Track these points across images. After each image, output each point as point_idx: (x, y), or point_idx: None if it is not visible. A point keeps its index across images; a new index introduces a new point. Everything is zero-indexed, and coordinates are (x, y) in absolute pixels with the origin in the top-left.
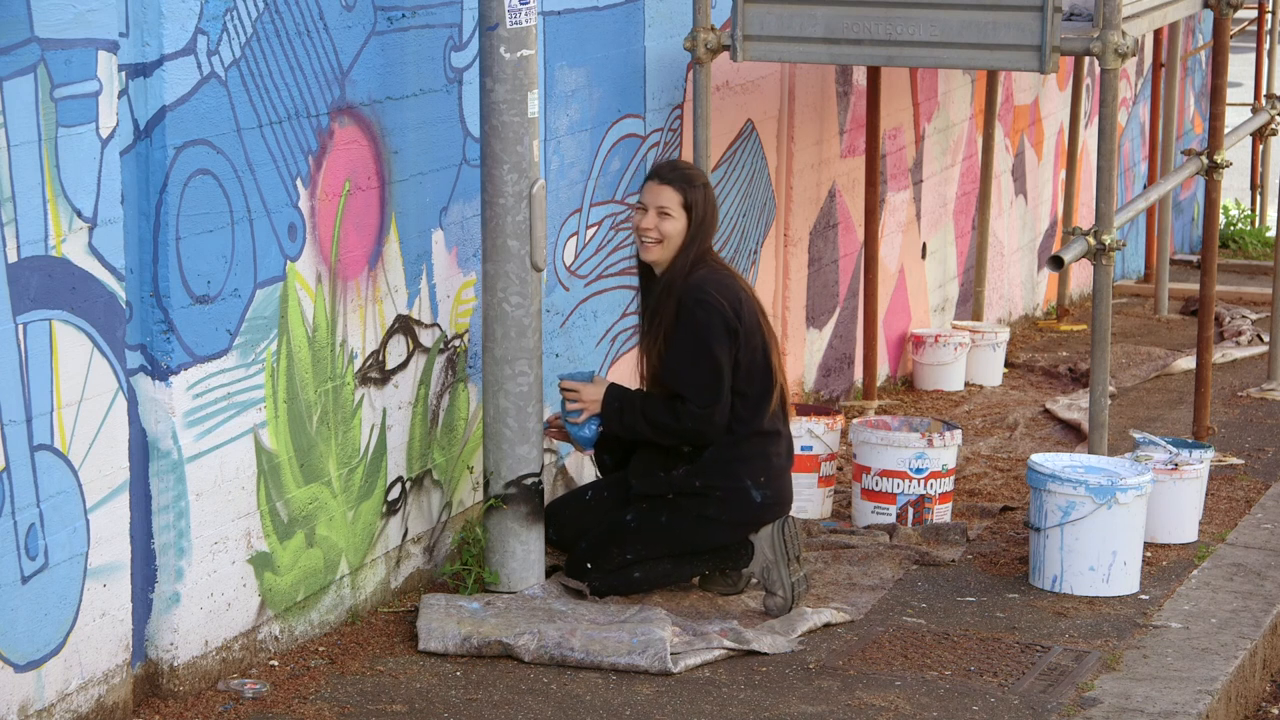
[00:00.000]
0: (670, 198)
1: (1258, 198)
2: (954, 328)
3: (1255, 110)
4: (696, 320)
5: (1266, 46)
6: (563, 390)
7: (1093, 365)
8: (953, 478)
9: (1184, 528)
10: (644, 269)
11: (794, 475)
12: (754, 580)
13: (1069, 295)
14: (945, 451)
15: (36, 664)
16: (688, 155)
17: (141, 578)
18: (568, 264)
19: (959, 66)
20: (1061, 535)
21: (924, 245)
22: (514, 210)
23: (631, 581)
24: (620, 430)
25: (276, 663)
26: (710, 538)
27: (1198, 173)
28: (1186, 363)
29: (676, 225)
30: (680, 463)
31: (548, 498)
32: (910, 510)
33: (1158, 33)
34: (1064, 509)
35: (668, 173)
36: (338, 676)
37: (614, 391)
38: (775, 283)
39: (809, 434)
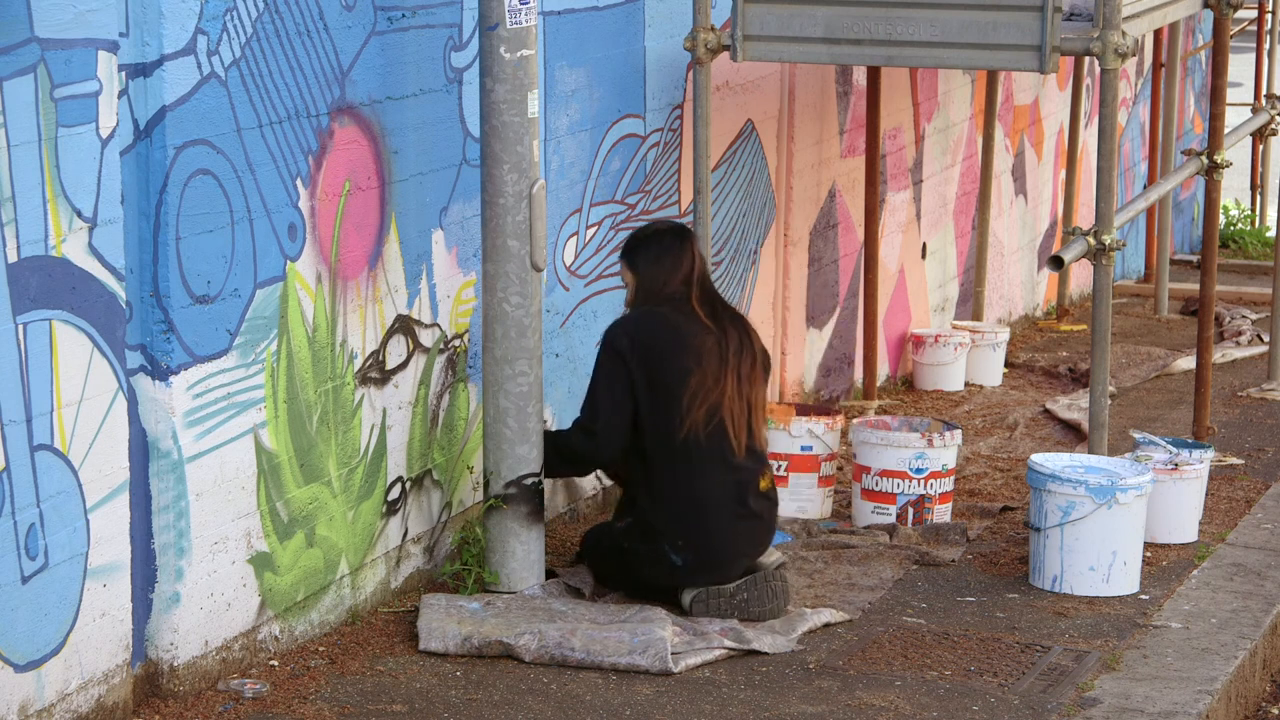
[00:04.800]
0: (623, 268)
1: (1258, 198)
2: (954, 328)
3: (1255, 110)
4: (599, 345)
5: (1266, 46)
6: None
7: (1093, 365)
8: (953, 478)
9: (1184, 528)
10: None
11: (795, 475)
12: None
13: (1069, 295)
14: (945, 451)
15: (36, 664)
16: (687, 155)
17: (141, 578)
18: (568, 264)
19: (959, 66)
20: (1061, 535)
21: (924, 245)
22: (514, 210)
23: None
24: (549, 467)
25: (276, 663)
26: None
27: (1198, 173)
28: (1186, 363)
29: (630, 288)
30: (627, 515)
31: (547, 500)
32: (910, 510)
33: (1158, 33)
34: (1064, 509)
35: (622, 245)
36: (338, 676)
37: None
38: (775, 283)
39: (809, 434)
